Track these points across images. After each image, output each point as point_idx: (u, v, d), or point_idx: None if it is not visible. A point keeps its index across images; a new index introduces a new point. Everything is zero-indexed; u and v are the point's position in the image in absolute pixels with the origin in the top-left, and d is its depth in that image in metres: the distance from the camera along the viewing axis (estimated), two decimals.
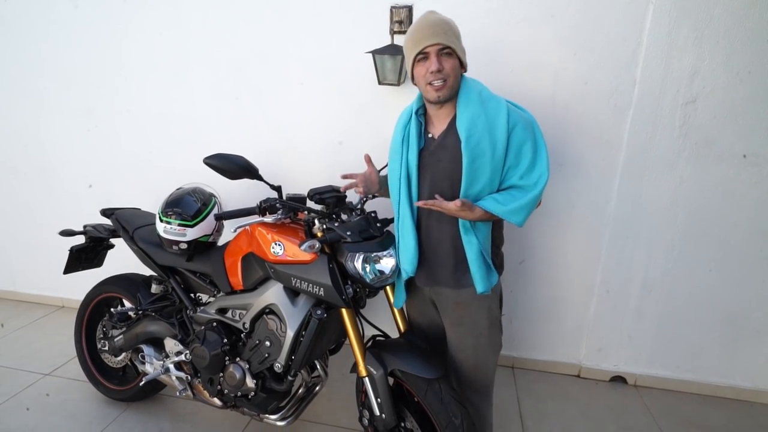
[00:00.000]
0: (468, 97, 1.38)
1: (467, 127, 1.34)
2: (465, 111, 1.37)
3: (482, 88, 1.42)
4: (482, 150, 1.34)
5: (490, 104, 1.37)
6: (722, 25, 1.91)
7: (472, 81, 1.44)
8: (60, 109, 2.80)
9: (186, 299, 1.94)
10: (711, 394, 2.37)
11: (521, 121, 1.37)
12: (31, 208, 3.08)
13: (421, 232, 1.51)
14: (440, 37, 1.32)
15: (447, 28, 1.35)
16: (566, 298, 2.42)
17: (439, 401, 1.41)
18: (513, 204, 1.35)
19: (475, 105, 1.36)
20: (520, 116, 1.38)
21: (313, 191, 1.60)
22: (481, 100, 1.37)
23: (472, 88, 1.40)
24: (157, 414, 2.18)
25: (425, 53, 1.35)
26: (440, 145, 1.43)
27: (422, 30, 1.35)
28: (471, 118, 1.35)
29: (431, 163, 1.45)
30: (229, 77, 2.48)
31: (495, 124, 1.34)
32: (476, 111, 1.35)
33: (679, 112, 2.04)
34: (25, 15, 2.67)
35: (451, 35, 1.35)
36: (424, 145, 1.47)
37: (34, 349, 2.72)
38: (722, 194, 2.10)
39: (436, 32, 1.33)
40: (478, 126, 1.34)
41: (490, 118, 1.35)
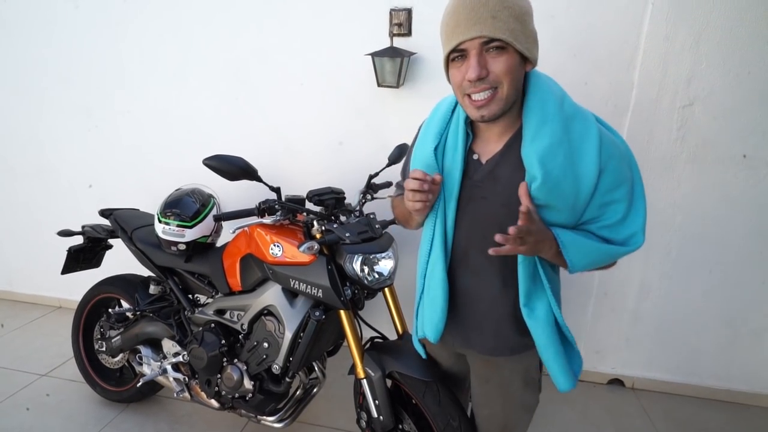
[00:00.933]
0: (544, 107, 0.92)
1: (542, 159, 0.89)
2: (540, 131, 0.91)
3: (563, 94, 0.96)
4: (561, 194, 0.91)
5: (576, 124, 0.92)
6: (719, 29, 1.93)
7: (549, 82, 0.97)
8: (59, 109, 2.79)
9: (184, 300, 1.94)
10: (708, 397, 2.37)
11: (616, 153, 0.93)
12: (29, 208, 3.08)
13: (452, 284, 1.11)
14: (484, 26, 0.85)
15: (499, 6, 0.85)
16: (564, 300, 2.38)
17: (437, 403, 1.41)
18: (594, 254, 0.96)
19: (556, 123, 0.91)
20: (614, 145, 0.95)
21: (311, 193, 1.60)
22: (563, 117, 0.92)
23: (550, 93, 0.94)
24: (154, 415, 2.18)
25: (462, 50, 0.90)
26: (490, 175, 1.00)
27: (459, 13, 0.88)
28: (550, 147, 0.90)
29: (472, 198, 1.03)
30: (229, 78, 2.48)
31: (582, 156, 0.91)
32: (557, 134, 0.90)
33: (676, 115, 2.05)
34: (24, 15, 2.67)
35: (506, 17, 0.86)
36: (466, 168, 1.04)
37: (31, 349, 2.71)
38: (720, 197, 2.11)
39: (479, 16, 0.85)
40: (559, 158, 0.89)
41: (575, 146, 0.91)
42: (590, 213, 0.96)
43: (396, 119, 2.32)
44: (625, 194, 0.95)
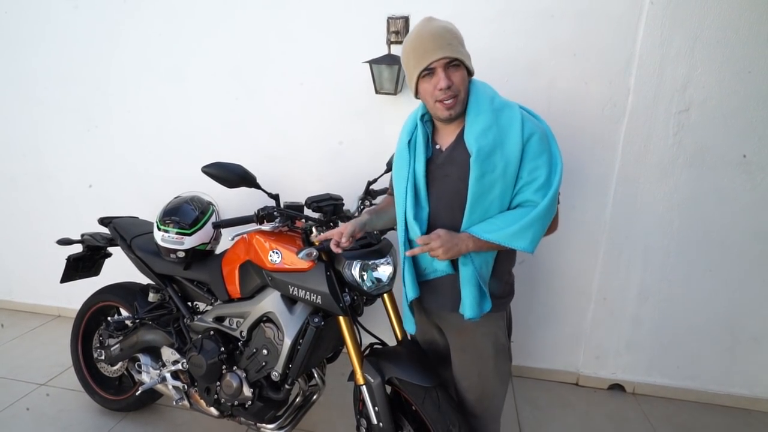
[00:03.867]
0: (478, 105, 1.25)
1: (477, 139, 1.22)
2: (475, 121, 1.24)
3: (494, 93, 1.29)
4: (493, 165, 1.21)
5: (503, 113, 1.24)
6: (714, 34, 1.94)
7: (482, 86, 1.30)
8: (57, 115, 2.80)
9: (183, 308, 1.94)
10: (709, 402, 2.36)
11: (537, 131, 1.23)
12: (28, 217, 3.08)
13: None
14: (446, 50, 1.19)
15: (451, 36, 1.21)
16: (563, 306, 2.43)
17: (437, 409, 1.41)
18: (514, 225, 1.21)
19: (486, 114, 1.23)
20: (536, 125, 1.25)
21: (310, 199, 1.61)
22: (493, 109, 1.24)
23: (483, 94, 1.27)
24: (153, 424, 2.17)
25: (431, 69, 1.22)
26: (448, 158, 1.31)
27: (424, 43, 1.20)
28: (482, 129, 1.22)
29: (438, 177, 1.33)
30: (228, 84, 2.49)
31: (508, 135, 1.22)
32: (487, 121, 1.22)
33: (673, 120, 2.06)
34: (24, 18, 2.68)
35: (456, 44, 1.21)
36: (431, 156, 1.35)
37: (29, 358, 2.71)
38: (717, 200, 2.12)
39: (440, 44, 1.19)
40: (489, 138, 1.21)
41: (502, 128, 1.22)
42: (523, 178, 1.23)
43: (394, 126, 2.32)
44: (546, 161, 1.23)
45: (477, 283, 1.30)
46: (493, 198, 1.24)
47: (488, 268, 1.33)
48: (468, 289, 1.30)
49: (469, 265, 1.29)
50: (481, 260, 1.30)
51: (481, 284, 1.30)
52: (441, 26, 1.22)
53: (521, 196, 1.25)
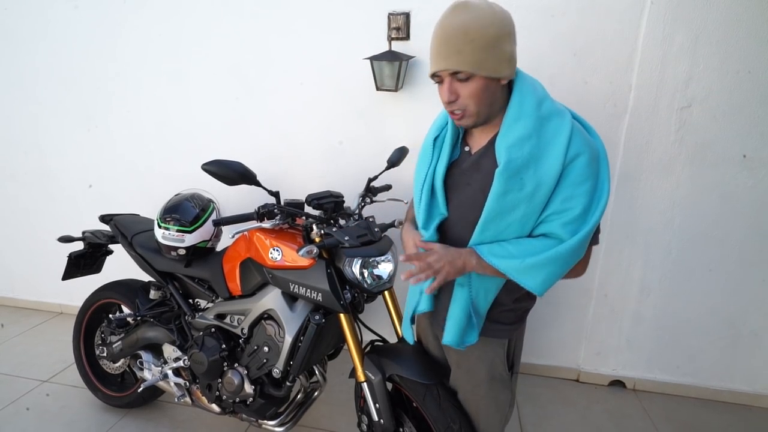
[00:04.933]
0: (521, 108, 1.05)
1: (509, 148, 1.03)
2: (512, 127, 1.04)
3: (544, 96, 1.07)
4: (521, 182, 1.02)
5: (550, 123, 1.04)
6: (717, 31, 1.93)
7: (531, 84, 1.08)
8: (58, 113, 2.80)
9: (184, 305, 1.94)
10: (710, 398, 2.37)
11: (587, 152, 1.02)
12: (29, 214, 3.08)
13: None
14: (451, 61, 1.00)
15: (464, 41, 0.98)
16: (564, 302, 2.43)
17: (438, 406, 1.41)
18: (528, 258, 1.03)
19: (528, 120, 1.03)
20: (586, 145, 1.03)
21: (310, 196, 1.60)
22: (539, 116, 1.03)
23: (530, 95, 1.05)
24: (155, 420, 2.18)
25: (439, 76, 1.06)
26: (475, 164, 1.14)
27: (437, 43, 1.03)
28: (518, 138, 1.03)
29: (460, 183, 1.17)
30: (229, 82, 2.49)
31: (548, 150, 1.02)
32: (527, 129, 1.03)
33: (674, 116, 2.06)
34: (24, 18, 2.68)
35: (470, 50, 0.98)
36: (458, 157, 1.19)
37: (32, 355, 2.72)
38: (719, 197, 2.11)
39: (448, 51, 1.00)
40: (525, 150, 1.02)
41: (544, 141, 1.03)
42: (554, 206, 1.04)
43: (395, 122, 2.32)
44: (587, 191, 1.03)
45: (467, 311, 1.16)
46: (513, 221, 1.07)
47: (487, 299, 1.18)
48: (454, 312, 1.17)
49: (465, 288, 1.15)
50: (479, 286, 1.15)
51: (472, 313, 1.16)
52: (459, 25, 0.98)
53: (547, 225, 1.06)
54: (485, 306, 1.19)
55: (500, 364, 1.30)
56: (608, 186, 1.06)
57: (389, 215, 2.01)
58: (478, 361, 1.29)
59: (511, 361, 1.34)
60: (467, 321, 1.18)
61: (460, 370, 1.37)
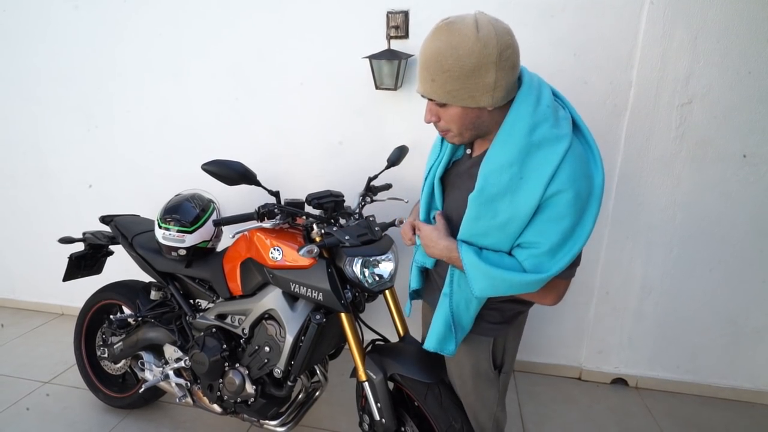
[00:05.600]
0: (512, 129, 0.98)
1: (487, 175, 1.00)
2: (498, 151, 1.00)
3: (542, 119, 0.97)
4: (494, 211, 1.00)
5: (539, 153, 0.96)
6: (717, 27, 1.92)
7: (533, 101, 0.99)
8: (58, 114, 2.80)
9: (185, 305, 1.94)
10: (712, 396, 2.36)
11: (571, 189, 0.94)
12: (29, 215, 3.08)
13: None
14: (426, 87, 1.00)
15: (438, 70, 0.95)
16: (566, 300, 2.38)
17: (439, 405, 1.41)
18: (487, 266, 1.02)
19: (515, 147, 0.97)
20: (574, 180, 0.95)
21: (311, 196, 1.60)
22: (528, 143, 0.96)
23: (524, 118, 0.97)
24: (156, 421, 2.18)
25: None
26: (469, 170, 1.13)
27: (418, 66, 1.02)
28: (499, 165, 0.98)
29: (453, 185, 1.19)
30: (228, 81, 2.48)
31: (527, 184, 0.96)
32: (512, 156, 0.97)
33: (675, 113, 2.05)
34: (24, 18, 2.68)
35: (444, 80, 0.95)
36: (460, 158, 1.20)
37: (33, 356, 2.72)
38: (720, 194, 2.11)
39: (424, 77, 0.99)
40: (504, 178, 0.98)
41: (525, 172, 0.96)
42: (526, 236, 1.00)
43: (394, 121, 2.32)
44: (563, 230, 0.97)
45: (447, 321, 1.17)
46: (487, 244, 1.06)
47: (469, 311, 1.17)
48: (436, 320, 1.20)
49: (446, 298, 1.17)
50: (460, 298, 1.15)
51: (452, 324, 1.18)
52: (435, 50, 0.95)
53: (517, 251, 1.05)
54: (468, 318, 1.19)
55: (485, 361, 1.30)
56: (591, 227, 0.99)
57: (389, 214, 2.01)
58: (464, 356, 1.32)
59: (500, 361, 1.33)
60: (446, 330, 1.20)
61: (452, 362, 1.39)
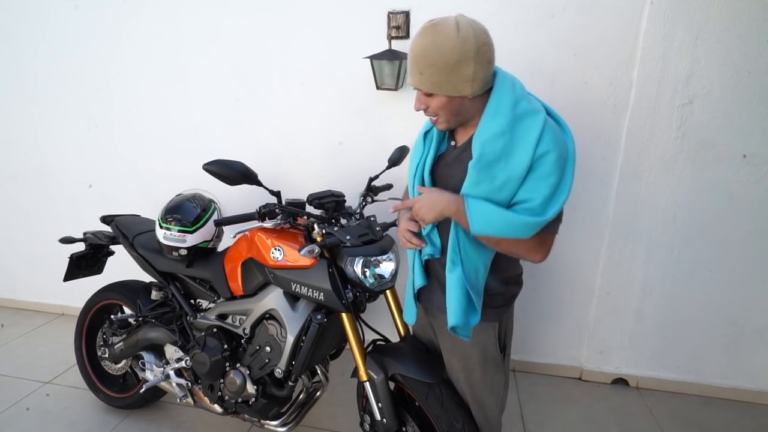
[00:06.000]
0: (499, 105, 1.14)
1: (483, 144, 1.13)
2: (488, 124, 1.14)
3: (521, 97, 1.15)
4: (492, 175, 1.12)
5: (523, 122, 1.12)
6: (718, 26, 1.93)
7: (510, 86, 1.16)
8: (59, 114, 2.80)
9: (186, 305, 1.94)
10: (713, 396, 2.36)
11: (556, 150, 1.10)
12: (30, 215, 3.08)
13: None
14: (415, 79, 1.15)
15: (426, 64, 1.10)
16: (567, 300, 2.42)
17: (440, 405, 1.41)
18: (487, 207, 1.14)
19: (503, 118, 1.12)
20: (556, 143, 1.11)
21: (312, 196, 1.60)
22: (513, 116, 1.12)
23: (507, 96, 1.14)
24: (157, 421, 2.17)
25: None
26: (458, 158, 1.24)
27: (408, 61, 1.17)
28: (492, 134, 1.12)
29: (444, 175, 1.29)
30: (229, 81, 2.48)
31: (519, 146, 1.10)
32: (502, 126, 1.11)
33: (676, 113, 2.05)
34: (24, 18, 2.68)
35: (431, 73, 1.11)
36: (445, 151, 1.31)
37: (34, 356, 2.72)
38: (721, 195, 2.11)
39: (413, 71, 1.15)
40: (498, 145, 1.11)
41: (516, 139, 1.11)
42: (519, 195, 1.13)
43: (395, 121, 2.32)
44: (552, 184, 1.11)
45: (464, 290, 1.22)
46: None
47: (478, 277, 1.25)
48: (453, 294, 1.23)
49: (457, 267, 1.22)
50: (470, 264, 1.23)
51: (470, 292, 1.22)
52: (422, 48, 1.10)
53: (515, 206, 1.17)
54: (479, 284, 1.26)
55: (492, 346, 1.37)
56: (570, 183, 1.14)
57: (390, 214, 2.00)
58: (471, 346, 1.36)
59: (502, 343, 1.40)
60: (467, 300, 1.23)
61: (454, 358, 1.42)
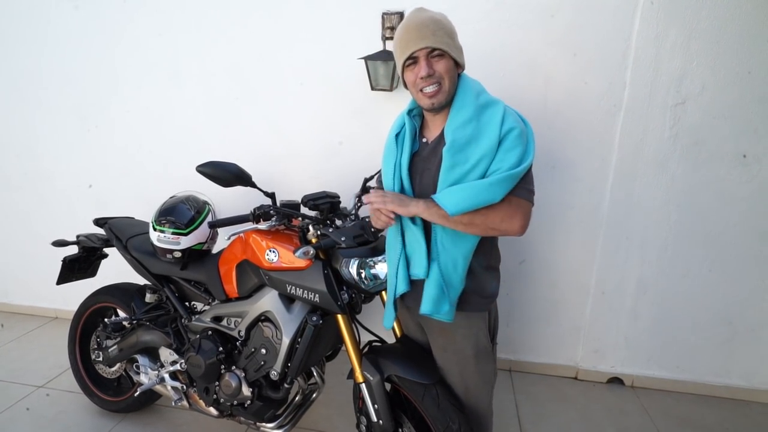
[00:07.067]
0: (464, 99, 1.27)
1: (454, 131, 1.24)
2: (457, 114, 1.26)
3: (481, 90, 1.30)
4: (465, 157, 1.23)
5: (487, 110, 1.25)
6: (710, 27, 1.94)
7: (472, 82, 1.31)
8: (54, 115, 2.78)
9: (181, 308, 1.93)
10: (708, 394, 2.38)
11: (517, 126, 1.22)
12: (24, 218, 3.06)
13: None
14: (429, 40, 1.21)
15: (436, 27, 1.22)
16: (562, 300, 2.43)
17: (437, 406, 1.41)
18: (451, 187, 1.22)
19: (469, 108, 1.25)
20: (516, 122, 1.24)
21: (306, 197, 1.60)
22: (477, 104, 1.25)
23: (470, 89, 1.28)
24: (152, 425, 2.16)
25: (414, 58, 1.25)
26: (432, 151, 1.33)
27: (409, 32, 1.23)
28: (461, 122, 1.24)
29: (421, 170, 1.35)
30: (224, 82, 2.48)
31: (486, 130, 1.23)
32: (469, 114, 1.24)
33: (669, 113, 2.06)
34: (23, 18, 2.66)
35: (442, 34, 1.23)
36: (417, 149, 1.38)
37: (27, 360, 2.69)
38: (714, 194, 2.12)
39: (424, 34, 1.21)
40: (467, 131, 1.23)
41: (482, 124, 1.23)
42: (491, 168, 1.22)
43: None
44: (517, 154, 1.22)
45: (439, 284, 1.28)
46: None
47: (457, 268, 1.30)
48: (429, 286, 1.30)
49: (434, 264, 1.29)
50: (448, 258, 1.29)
51: (443, 285, 1.29)
52: (428, 17, 1.23)
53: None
54: (457, 278, 1.30)
55: (483, 337, 1.42)
56: (533, 151, 1.25)
57: None
58: (463, 340, 1.41)
59: (492, 332, 1.46)
60: (439, 292, 1.29)
61: (446, 353, 1.45)
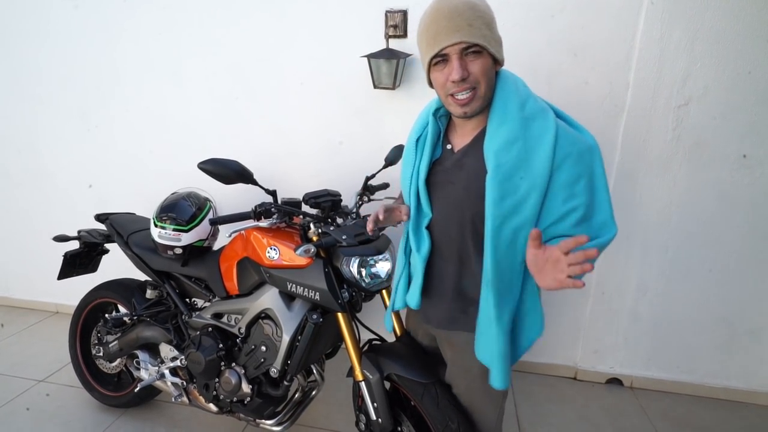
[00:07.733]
0: (505, 108, 1.03)
1: (497, 153, 1.00)
2: (499, 130, 1.02)
3: (527, 95, 1.05)
4: (515, 186, 1.00)
5: (535, 123, 1.01)
6: (714, 28, 1.93)
7: (513, 82, 1.07)
8: (55, 112, 2.78)
9: (181, 304, 1.93)
10: (706, 396, 2.38)
11: (574, 151, 0.99)
12: (24, 213, 3.06)
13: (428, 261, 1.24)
14: (463, 33, 0.97)
15: (473, 15, 0.97)
16: (562, 300, 2.43)
17: (436, 405, 1.41)
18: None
19: (514, 122, 1.01)
20: (573, 144, 1.00)
21: (308, 195, 1.60)
22: (523, 117, 1.01)
23: (513, 94, 1.04)
24: (152, 420, 2.17)
25: (444, 55, 1.01)
26: (458, 163, 1.12)
27: (439, 22, 0.99)
28: (505, 142, 1.00)
29: (442, 182, 1.16)
30: (226, 80, 2.48)
31: (536, 151, 0.99)
32: (514, 132, 1.00)
33: (672, 114, 2.06)
34: (23, 17, 2.66)
35: (480, 25, 0.98)
36: (440, 156, 1.18)
37: (28, 355, 2.70)
38: (716, 196, 2.12)
39: (458, 24, 0.97)
40: (513, 153, 0.99)
41: (530, 142, 0.99)
42: (556, 209, 1.01)
43: (392, 121, 2.32)
44: (584, 188, 1.00)
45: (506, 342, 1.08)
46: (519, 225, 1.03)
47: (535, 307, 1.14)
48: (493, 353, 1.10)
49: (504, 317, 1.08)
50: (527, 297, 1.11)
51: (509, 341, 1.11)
52: (463, 2, 0.98)
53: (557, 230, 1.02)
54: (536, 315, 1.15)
55: None
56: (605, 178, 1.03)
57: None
58: (473, 359, 1.27)
59: None
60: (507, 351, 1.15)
61: (455, 368, 1.37)
